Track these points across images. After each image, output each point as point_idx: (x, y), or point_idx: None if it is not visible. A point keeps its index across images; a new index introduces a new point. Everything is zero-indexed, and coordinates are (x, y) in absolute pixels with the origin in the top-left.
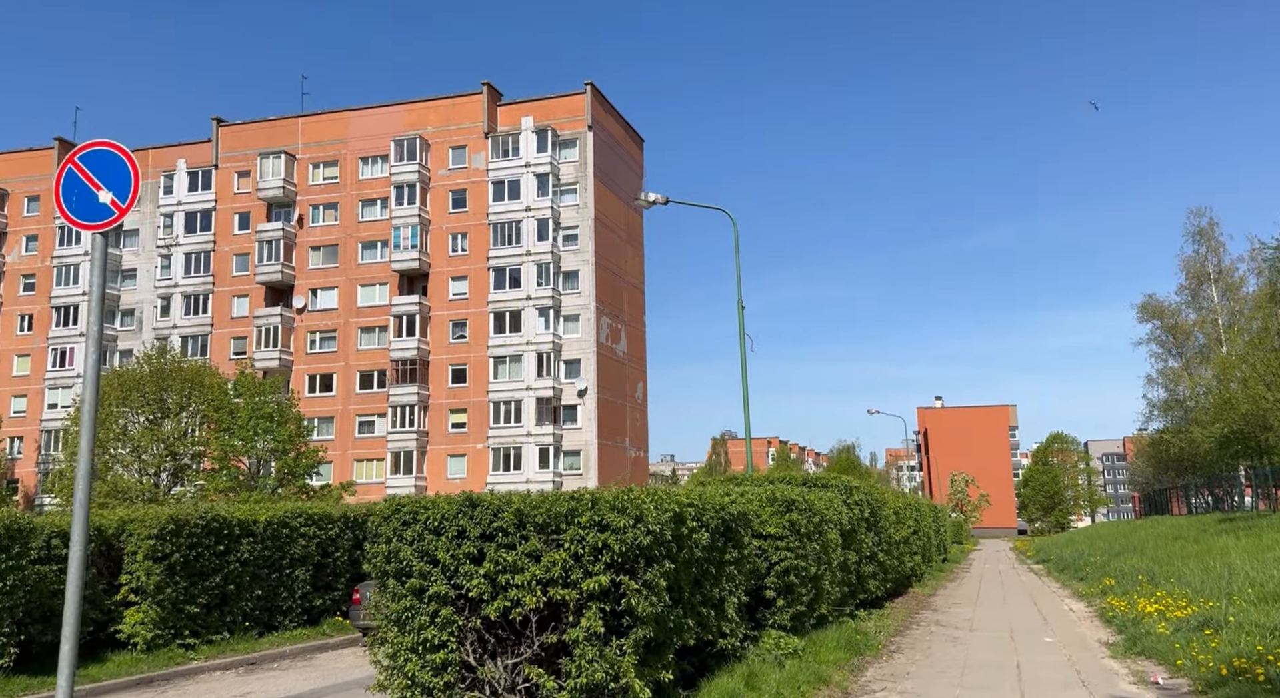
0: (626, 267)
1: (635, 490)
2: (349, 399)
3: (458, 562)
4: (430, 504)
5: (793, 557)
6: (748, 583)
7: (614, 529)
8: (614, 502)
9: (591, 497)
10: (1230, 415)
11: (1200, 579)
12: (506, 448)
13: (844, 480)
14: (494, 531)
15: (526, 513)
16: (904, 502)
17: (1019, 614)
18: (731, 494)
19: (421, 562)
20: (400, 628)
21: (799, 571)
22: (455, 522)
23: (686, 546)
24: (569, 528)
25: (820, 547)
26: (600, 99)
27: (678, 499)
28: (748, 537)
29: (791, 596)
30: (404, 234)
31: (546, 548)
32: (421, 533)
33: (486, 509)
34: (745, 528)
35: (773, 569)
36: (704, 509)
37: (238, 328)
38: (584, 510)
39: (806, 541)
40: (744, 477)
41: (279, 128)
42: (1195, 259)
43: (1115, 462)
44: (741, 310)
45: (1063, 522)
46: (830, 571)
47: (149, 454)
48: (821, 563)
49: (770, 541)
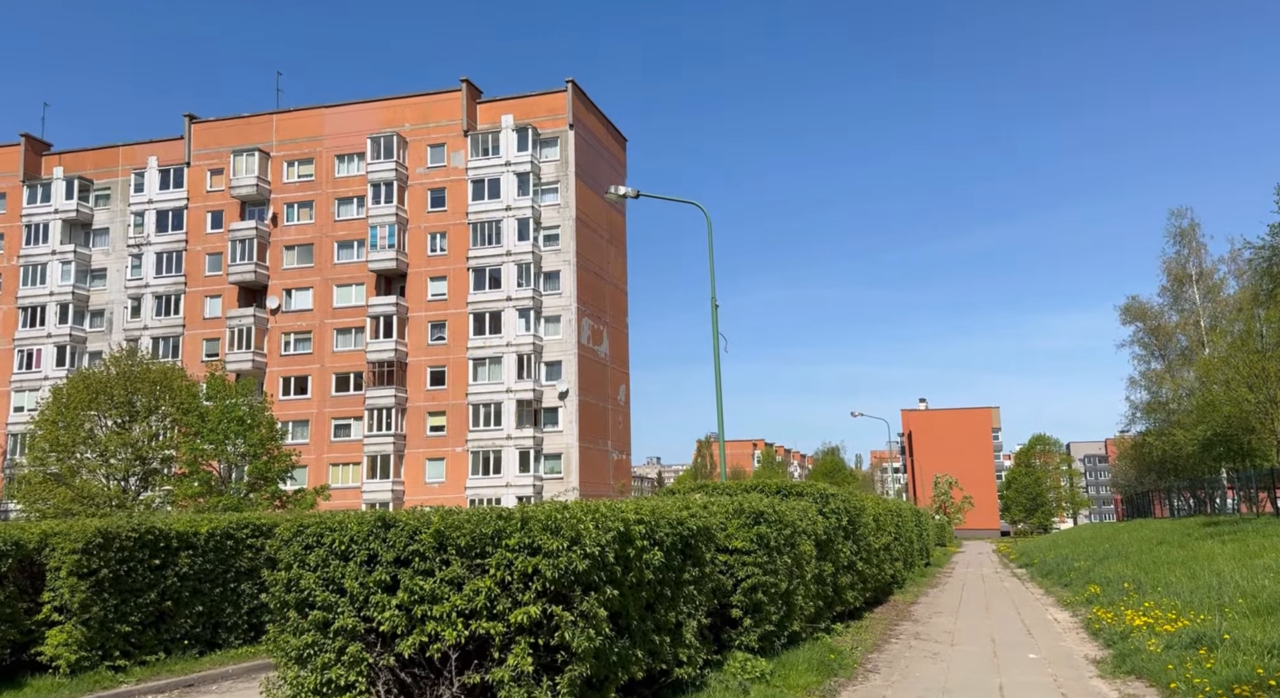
0: (609, 267)
1: (574, 508)
2: (324, 402)
3: (368, 591)
4: (337, 525)
5: (761, 573)
6: (710, 603)
7: (546, 553)
8: (547, 521)
9: (522, 516)
10: (1213, 417)
11: (1189, 589)
12: (486, 451)
13: (819, 488)
14: (410, 555)
15: (448, 534)
16: (884, 507)
17: (1002, 626)
18: (692, 507)
19: (326, 591)
20: (302, 666)
21: (768, 587)
22: (366, 545)
23: (635, 567)
24: (495, 552)
25: (792, 560)
26: (582, 97)
27: (624, 515)
28: (710, 553)
29: (760, 614)
30: (381, 233)
31: (470, 575)
32: (326, 558)
33: (402, 530)
34: (707, 544)
35: (739, 586)
36: (657, 525)
37: (210, 329)
38: (512, 531)
39: (776, 554)
40: (716, 484)
41: (253, 125)
42: (1177, 261)
43: (1097, 464)
44: (715, 309)
45: (1045, 523)
46: (804, 584)
47: (117, 458)
48: (794, 577)
49: (736, 556)
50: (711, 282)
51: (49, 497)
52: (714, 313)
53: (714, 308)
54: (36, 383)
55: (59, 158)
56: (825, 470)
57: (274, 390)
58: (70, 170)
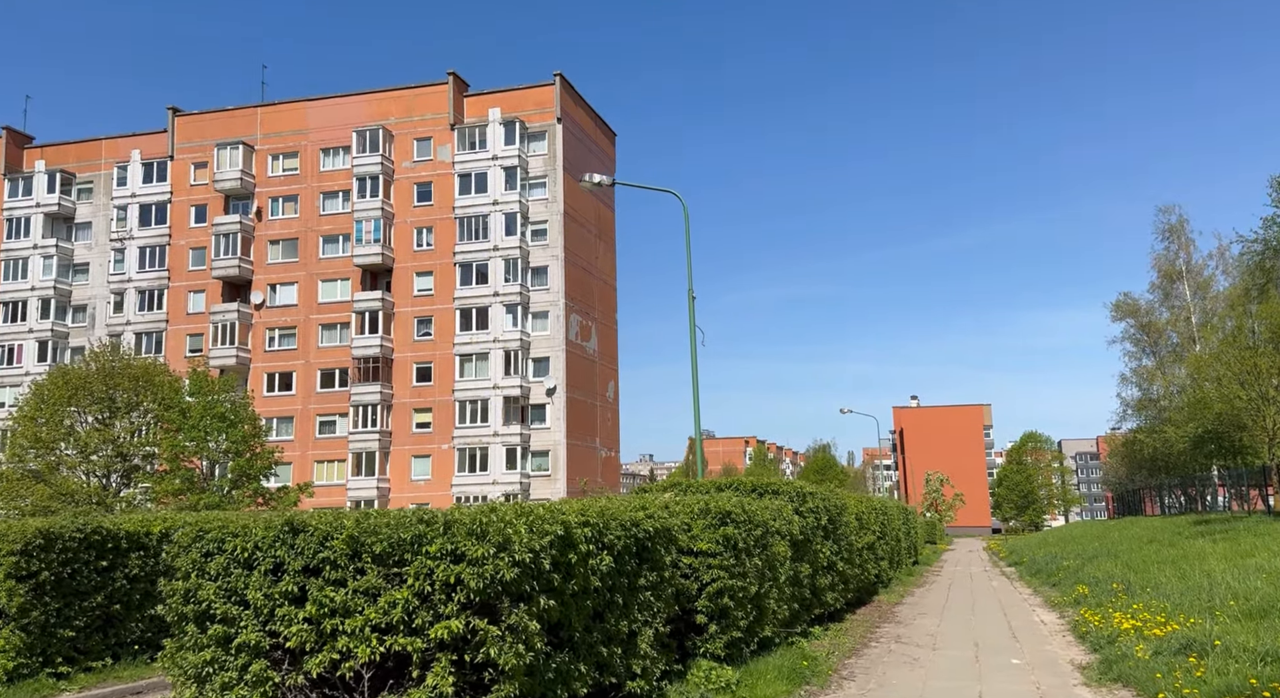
0: (597, 263)
1: (505, 509)
2: (309, 398)
3: (274, 603)
4: (240, 531)
5: (727, 576)
6: (670, 610)
7: (470, 561)
8: (472, 525)
9: (445, 519)
10: (1204, 415)
11: (1179, 590)
12: (473, 448)
13: (796, 486)
14: (321, 563)
15: (362, 540)
16: (867, 505)
17: (986, 628)
18: (651, 507)
19: (228, 603)
20: (201, 686)
21: (735, 591)
22: (271, 552)
23: (578, 574)
24: (415, 560)
25: (764, 562)
26: (570, 91)
27: (565, 518)
28: (670, 556)
29: (726, 620)
30: (366, 228)
31: (388, 585)
32: (228, 567)
33: (311, 536)
34: (667, 546)
35: (704, 591)
36: (606, 528)
37: (194, 324)
38: (434, 537)
39: (745, 556)
40: (690, 483)
41: (237, 118)
42: (1166, 257)
43: (1088, 461)
44: (692, 300)
45: (1036, 521)
46: (777, 587)
47: (98, 455)
48: (765, 580)
49: (701, 558)
50: (688, 273)
51: (27, 494)
52: (691, 305)
53: (690, 300)
54: (18, 378)
55: (41, 151)
56: (817, 468)
57: (258, 387)
58: (52, 164)
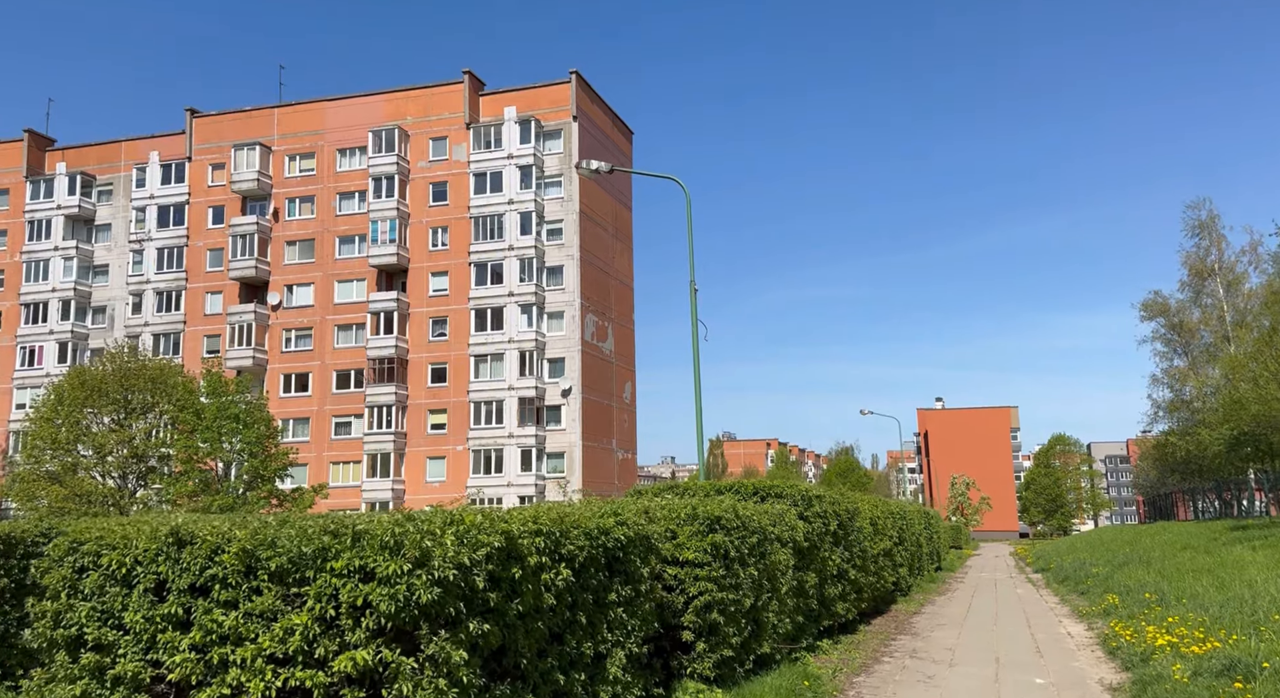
0: (614, 263)
1: (431, 517)
2: (325, 399)
3: (156, 627)
4: (120, 542)
5: (716, 589)
6: (648, 628)
7: (382, 579)
8: (385, 537)
9: (357, 529)
10: (1240, 416)
11: (1218, 602)
12: (488, 450)
13: (801, 488)
14: (209, 581)
15: (258, 554)
16: (883, 509)
17: (1010, 641)
18: (623, 513)
19: (104, 627)
20: None
21: (725, 605)
22: (153, 568)
23: (527, 591)
24: (318, 577)
25: (761, 572)
26: (586, 89)
27: (506, 527)
28: (649, 567)
29: (716, 637)
30: (382, 228)
31: (286, 608)
32: (104, 585)
33: (199, 549)
34: (644, 556)
35: (691, 605)
36: (565, 537)
37: (211, 325)
38: (341, 551)
39: (739, 566)
40: (689, 485)
41: (254, 119)
42: (1196, 254)
43: (1118, 464)
44: (694, 293)
45: (1065, 525)
46: (777, 599)
47: (113, 456)
48: (763, 592)
49: (688, 568)
50: (690, 263)
51: (43, 495)
52: (693, 297)
53: (693, 292)
54: (39, 380)
55: (62, 153)
56: (839, 471)
57: (275, 388)
58: (73, 166)
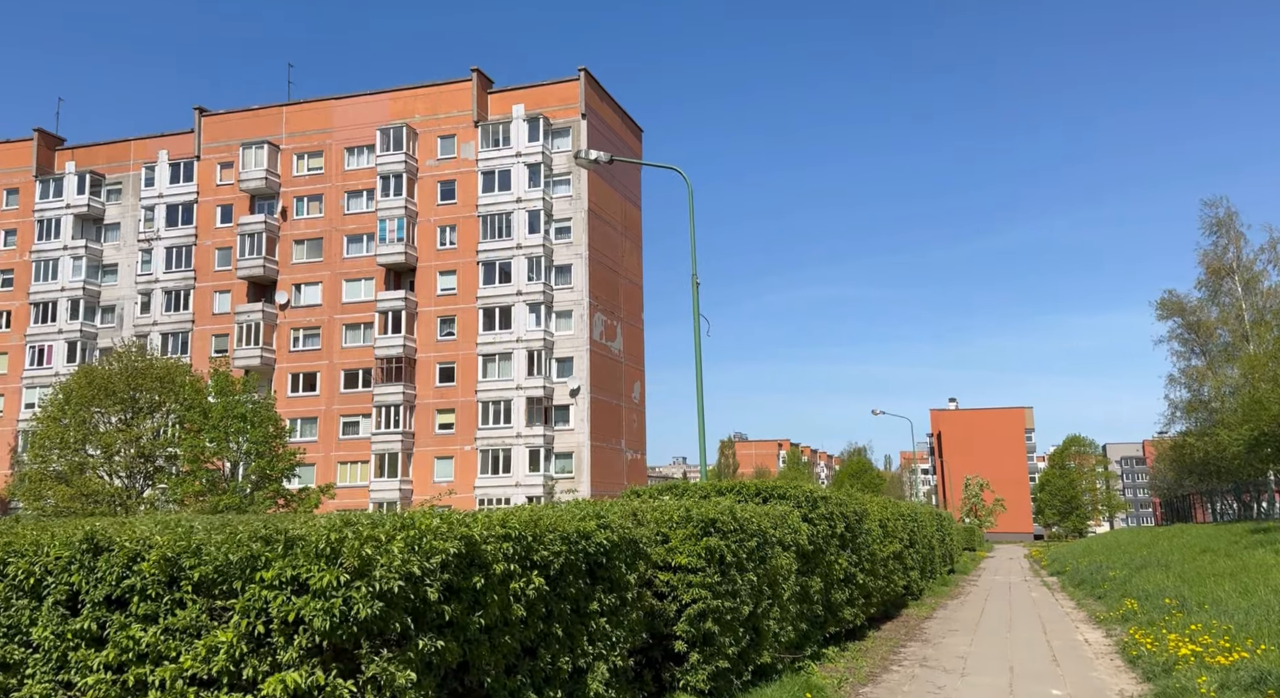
0: (623, 262)
1: (377, 521)
2: (333, 399)
3: (67, 644)
4: (28, 549)
5: (710, 596)
6: (635, 638)
7: (316, 591)
8: (321, 543)
9: (290, 535)
10: (1260, 416)
11: (1243, 609)
12: (495, 450)
13: (806, 489)
14: (127, 592)
15: (180, 563)
16: (893, 511)
17: (1024, 648)
18: (605, 515)
19: (9, 644)
20: None
21: (721, 613)
22: (64, 578)
23: (491, 602)
24: (247, 589)
25: (761, 577)
26: (595, 86)
27: (467, 531)
28: (637, 573)
29: (711, 647)
30: (390, 227)
31: (213, 623)
32: (9, 597)
33: (116, 557)
34: (631, 562)
35: (684, 613)
36: (539, 542)
37: (219, 325)
38: (272, 559)
39: (736, 571)
40: (689, 485)
41: (262, 117)
42: (1214, 252)
43: (1134, 466)
44: (696, 287)
45: (1080, 527)
46: (779, 605)
47: (120, 456)
48: (763, 598)
49: (680, 574)
50: (693, 257)
51: (50, 494)
52: (695, 291)
53: (695, 285)
54: (48, 379)
55: (71, 152)
56: (852, 472)
57: (282, 387)
58: (82, 165)
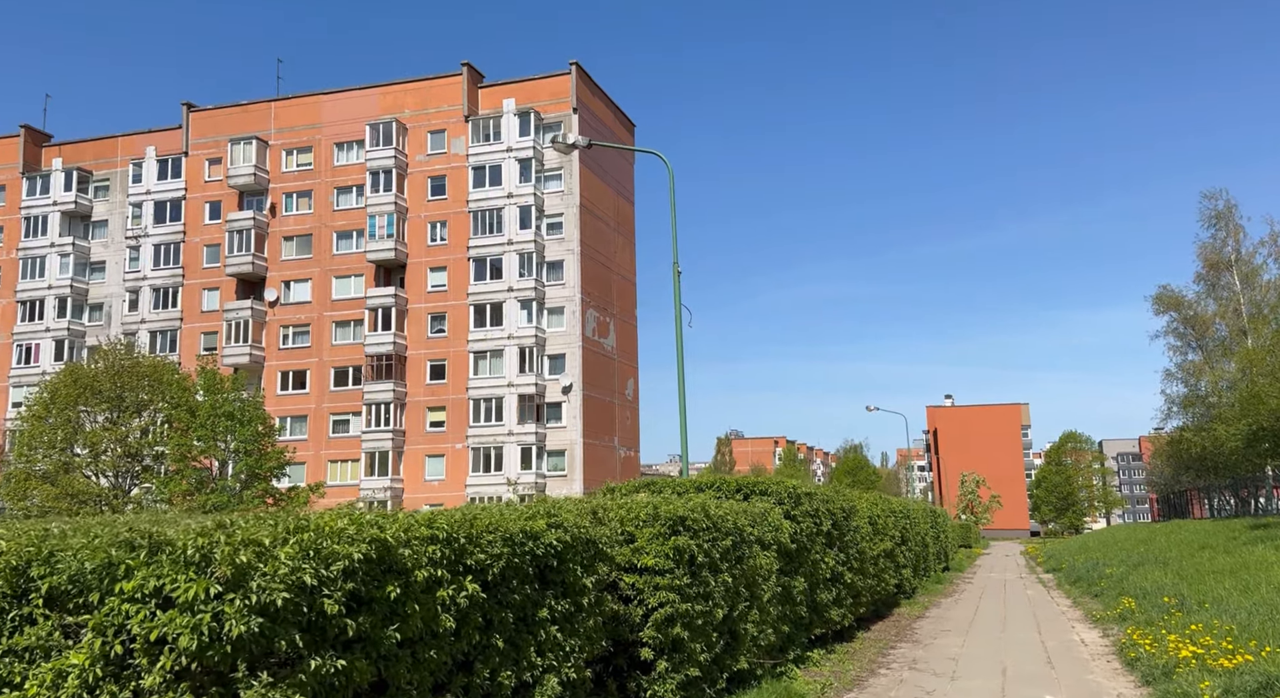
0: (616, 257)
1: (270, 521)
2: (323, 397)
3: None
4: None
5: (679, 599)
6: (594, 647)
7: (183, 606)
8: (190, 549)
9: (155, 540)
10: (1258, 411)
11: (1245, 608)
12: (487, 448)
13: (789, 485)
14: None
15: (31, 572)
16: (884, 508)
17: (1019, 649)
18: (558, 513)
19: None
20: None
21: (691, 618)
22: None
23: (411, 612)
24: (106, 602)
25: (737, 578)
26: (587, 80)
27: (382, 532)
28: (595, 576)
29: (680, 654)
30: (380, 223)
31: (65, 642)
32: None
33: None
34: (588, 564)
35: (650, 618)
36: (473, 543)
37: (208, 322)
38: (134, 567)
39: (709, 573)
40: (667, 481)
41: (251, 112)
42: (1213, 245)
43: (1130, 462)
44: (678, 276)
45: (1076, 524)
46: (758, 607)
47: (107, 455)
48: (740, 600)
49: (647, 576)
50: (674, 245)
51: (34, 494)
52: (676, 280)
53: (676, 275)
54: (35, 378)
55: (58, 149)
56: (848, 469)
57: (272, 385)
58: (69, 161)
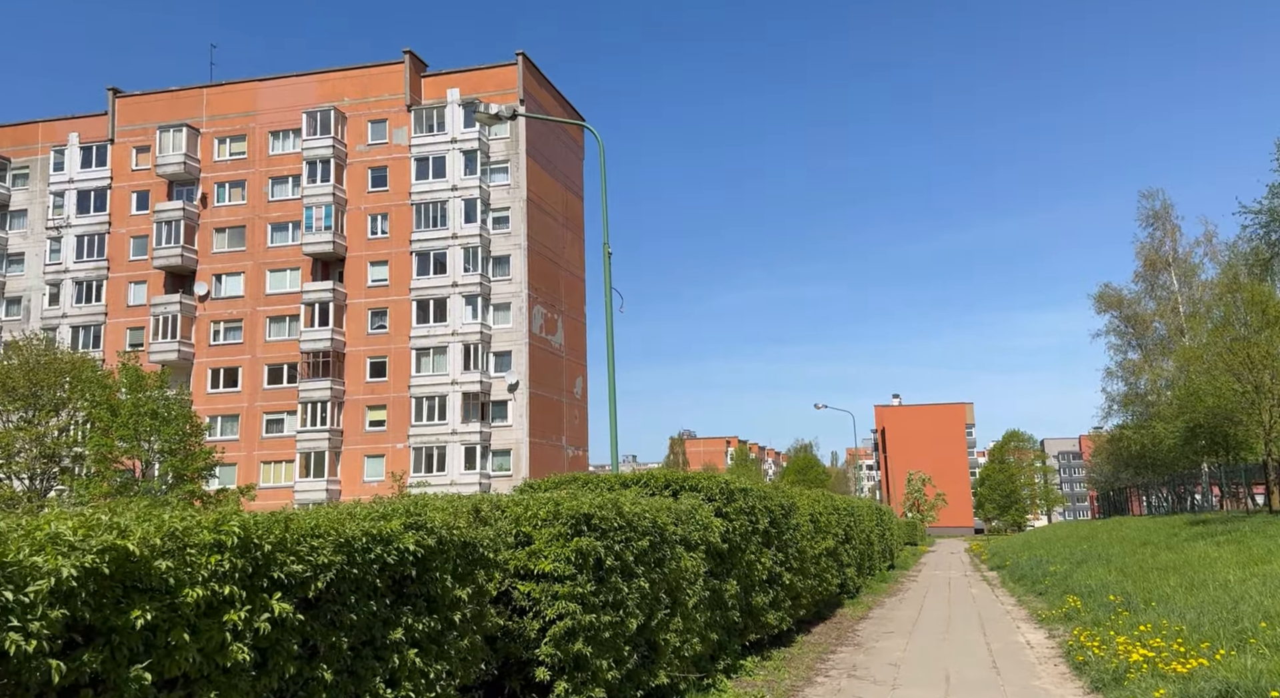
0: (564, 253)
1: None
2: (255, 395)
3: None
4: None
5: (581, 610)
6: (471, 670)
7: None
8: None
9: None
10: (1195, 408)
11: (1193, 608)
12: (430, 447)
13: (722, 480)
14: None
15: None
16: (826, 505)
17: (963, 652)
18: (422, 511)
19: None
20: None
21: (597, 629)
22: None
23: (178, 643)
24: None
25: (656, 583)
26: (534, 71)
27: (114, 538)
28: (472, 587)
29: (582, 672)
30: (317, 215)
31: None
32: None
33: None
34: (463, 573)
35: (548, 632)
36: (282, 550)
37: (134, 317)
38: None
39: (619, 578)
40: (589, 477)
41: (182, 99)
42: (1151, 245)
43: (1071, 460)
44: (608, 257)
45: (1019, 521)
46: (682, 614)
47: (23, 456)
48: (659, 607)
49: (544, 584)
50: (604, 224)
51: None
52: (606, 261)
53: (606, 256)
54: None
55: None
56: (798, 468)
57: (201, 383)
58: None
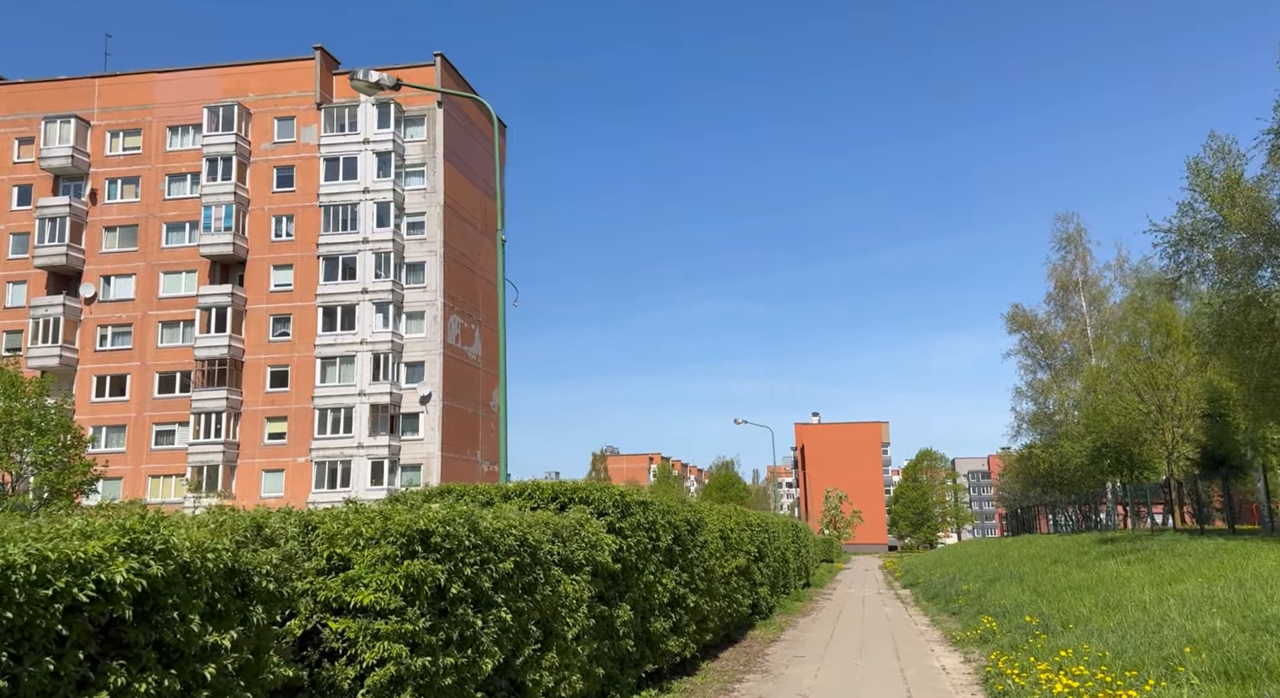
0: (481, 261)
1: None
2: (144, 404)
3: None
4: None
5: (409, 652)
6: None
7: None
8: None
9: None
10: (1101, 427)
11: (1112, 630)
12: (334, 461)
13: (617, 492)
14: None
15: None
16: (738, 520)
17: (876, 678)
18: (152, 531)
19: None
20: None
21: (434, 676)
22: None
23: None
24: None
25: (525, 612)
26: (453, 73)
27: None
28: (235, 630)
29: None
30: (216, 214)
31: None
32: None
33: None
34: (222, 611)
35: (366, 682)
36: None
37: (12, 319)
38: None
39: (469, 609)
40: (472, 488)
41: (70, 89)
42: (1063, 267)
43: (980, 479)
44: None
45: (931, 538)
46: (559, 648)
47: None
48: (528, 642)
49: (363, 620)
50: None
51: None
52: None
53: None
54: None
55: None
56: (720, 485)
57: (85, 391)
58: None
